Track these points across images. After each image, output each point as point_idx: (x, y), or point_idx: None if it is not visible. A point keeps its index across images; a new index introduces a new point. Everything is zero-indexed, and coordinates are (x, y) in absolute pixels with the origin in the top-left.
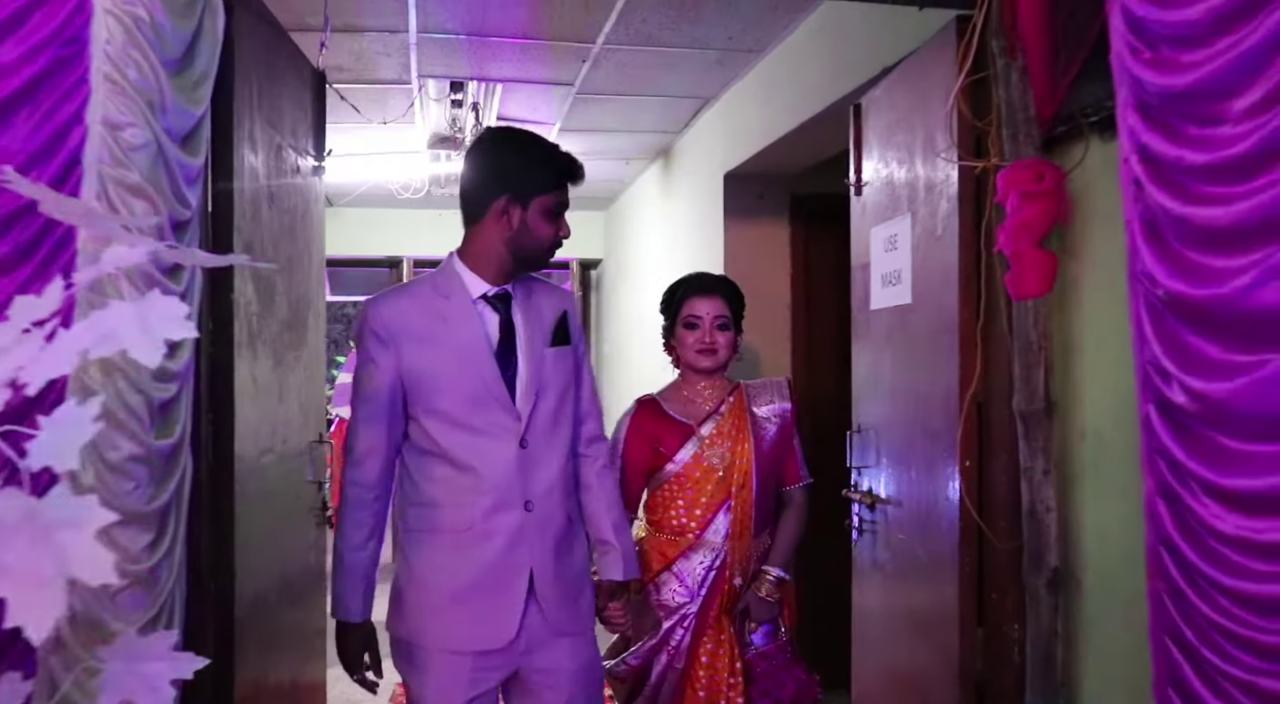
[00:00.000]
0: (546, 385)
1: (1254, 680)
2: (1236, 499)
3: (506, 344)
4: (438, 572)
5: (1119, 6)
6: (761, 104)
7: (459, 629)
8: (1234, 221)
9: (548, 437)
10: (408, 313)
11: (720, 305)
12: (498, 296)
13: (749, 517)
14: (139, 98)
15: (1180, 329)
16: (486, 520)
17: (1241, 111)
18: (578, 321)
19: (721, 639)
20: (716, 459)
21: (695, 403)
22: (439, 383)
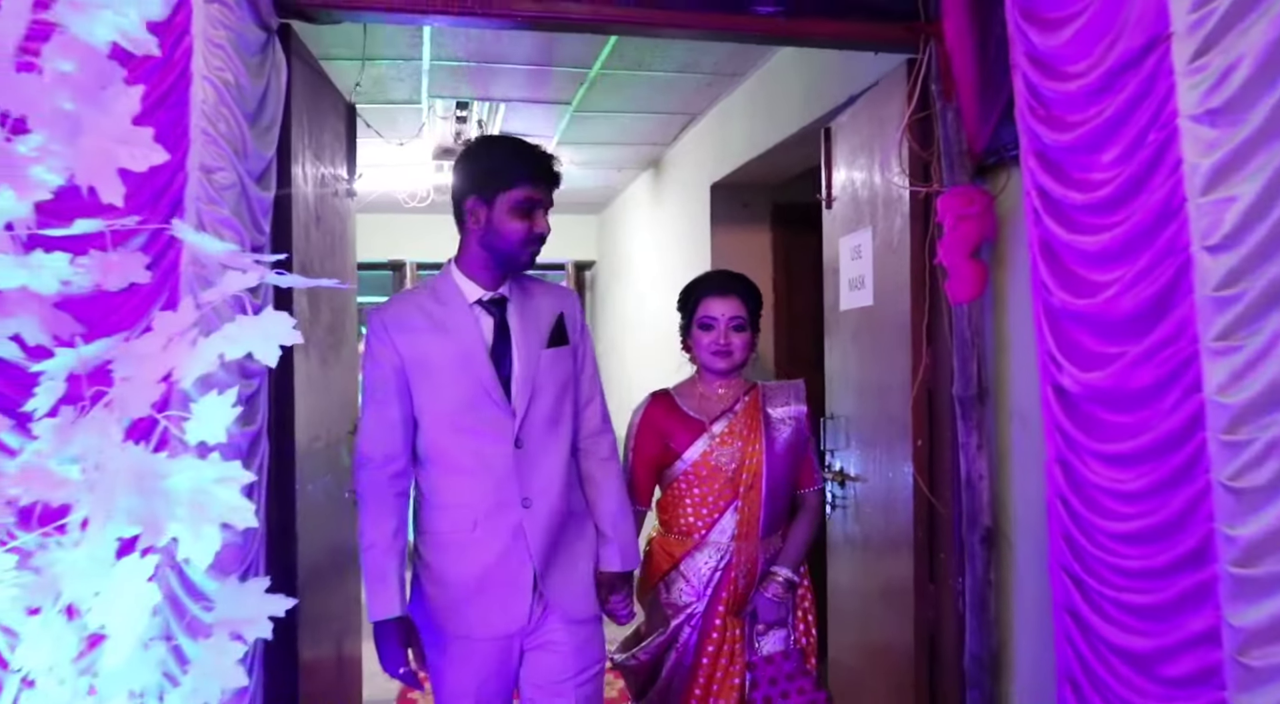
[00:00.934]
0: (542, 386)
1: (1119, 596)
2: (1107, 458)
3: (501, 346)
4: (449, 570)
5: (1020, 73)
6: (744, 122)
7: (474, 619)
8: (1102, 247)
9: (544, 435)
10: (409, 319)
11: (736, 306)
12: (492, 300)
13: (756, 518)
14: (227, 146)
15: (1067, 328)
16: (488, 519)
17: (1106, 163)
18: (579, 320)
19: (725, 640)
20: (725, 458)
21: (710, 400)
22: (438, 386)
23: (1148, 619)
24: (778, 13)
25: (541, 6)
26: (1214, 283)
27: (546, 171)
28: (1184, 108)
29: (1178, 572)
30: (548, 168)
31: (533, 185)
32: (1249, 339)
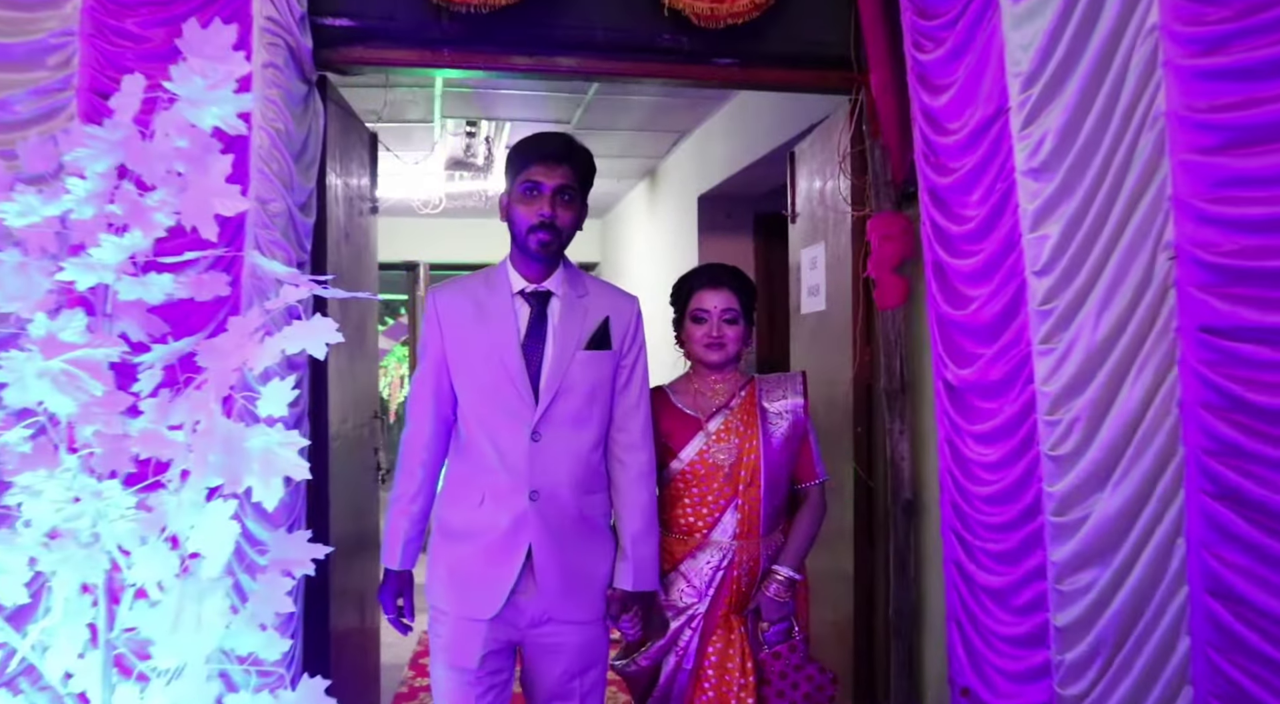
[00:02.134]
0: (572, 385)
1: (985, 546)
2: (977, 436)
3: (535, 339)
4: (452, 541)
5: (918, 125)
6: (725, 141)
7: (456, 597)
8: (971, 269)
9: (565, 434)
10: (458, 302)
11: (729, 298)
12: (534, 293)
13: (757, 515)
14: (278, 182)
15: (951, 333)
16: (494, 501)
17: (973, 203)
18: (631, 329)
19: (731, 639)
20: (723, 455)
21: (705, 396)
22: (471, 369)
23: (1003, 562)
24: (734, 63)
25: (534, 61)
26: (1039, 299)
27: (548, 152)
28: (1018, 165)
29: (1021, 523)
30: (549, 148)
31: (536, 167)
32: (1060, 342)
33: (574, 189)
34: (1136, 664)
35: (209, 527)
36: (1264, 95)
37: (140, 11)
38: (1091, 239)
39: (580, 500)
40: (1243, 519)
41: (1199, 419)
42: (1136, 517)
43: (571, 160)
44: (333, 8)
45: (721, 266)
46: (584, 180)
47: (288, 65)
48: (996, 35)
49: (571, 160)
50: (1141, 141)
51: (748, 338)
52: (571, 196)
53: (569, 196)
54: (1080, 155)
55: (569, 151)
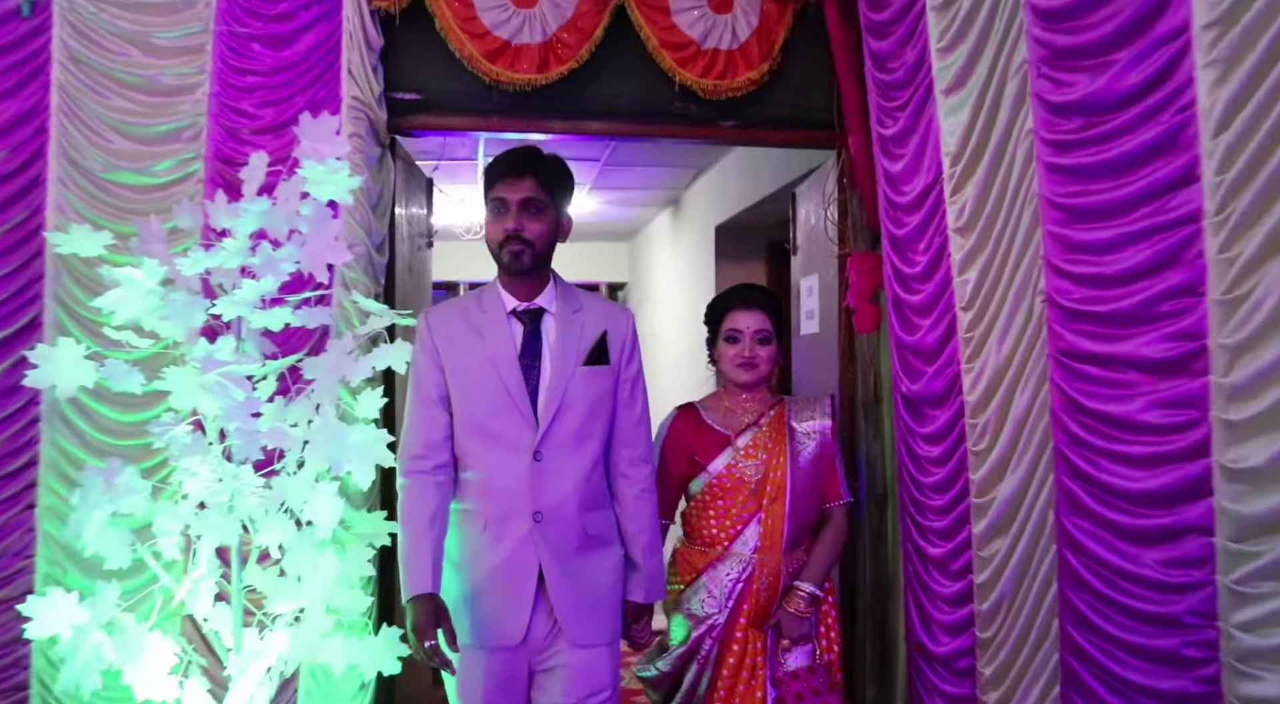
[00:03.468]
0: (571, 402)
1: (930, 525)
2: (924, 436)
3: (532, 358)
4: (461, 569)
5: (881, 183)
6: (738, 178)
7: (473, 625)
8: (920, 303)
9: (567, 452)
10: (451, 323)
11: (761, 319)
12: (526, 311)
13: (780, 531)
14: (361, 229)
15: (905, 354)
16: (497, 526)
17: (920, 250)
18: (627, 342)
19: (745, 653)
20: (750, 471)
21: (735, 414)
22: (468, 390)
23: (942, 537)
24: (735, 126)
25: (568, 125)
26: (964, 329)
27: (509, 168)
28: (950, 223)
29: (954, 505)
30: (510, 164)
31: (499, 185)
32: (977, 363)
33: (540, 200)
34: (1025, 609)
35: (319, 501)
36: (1091, 188)
37: (255, 95)
38: (995, 284)
39: (585, 518)
40: (1085, 493)
41: (1060, 420)
42: (1024, 496)
43: (535, 171)
44: (403, 85)
45: (755, 287)
46: (553, 189)
47: (368, 133)
48: (934, 121)
49: (535, 171)
50: (1025, 215)
51: (779, 357)
52: (540, 208)
53: (536, 208)
54: (987, 220)
55: (530, 163)
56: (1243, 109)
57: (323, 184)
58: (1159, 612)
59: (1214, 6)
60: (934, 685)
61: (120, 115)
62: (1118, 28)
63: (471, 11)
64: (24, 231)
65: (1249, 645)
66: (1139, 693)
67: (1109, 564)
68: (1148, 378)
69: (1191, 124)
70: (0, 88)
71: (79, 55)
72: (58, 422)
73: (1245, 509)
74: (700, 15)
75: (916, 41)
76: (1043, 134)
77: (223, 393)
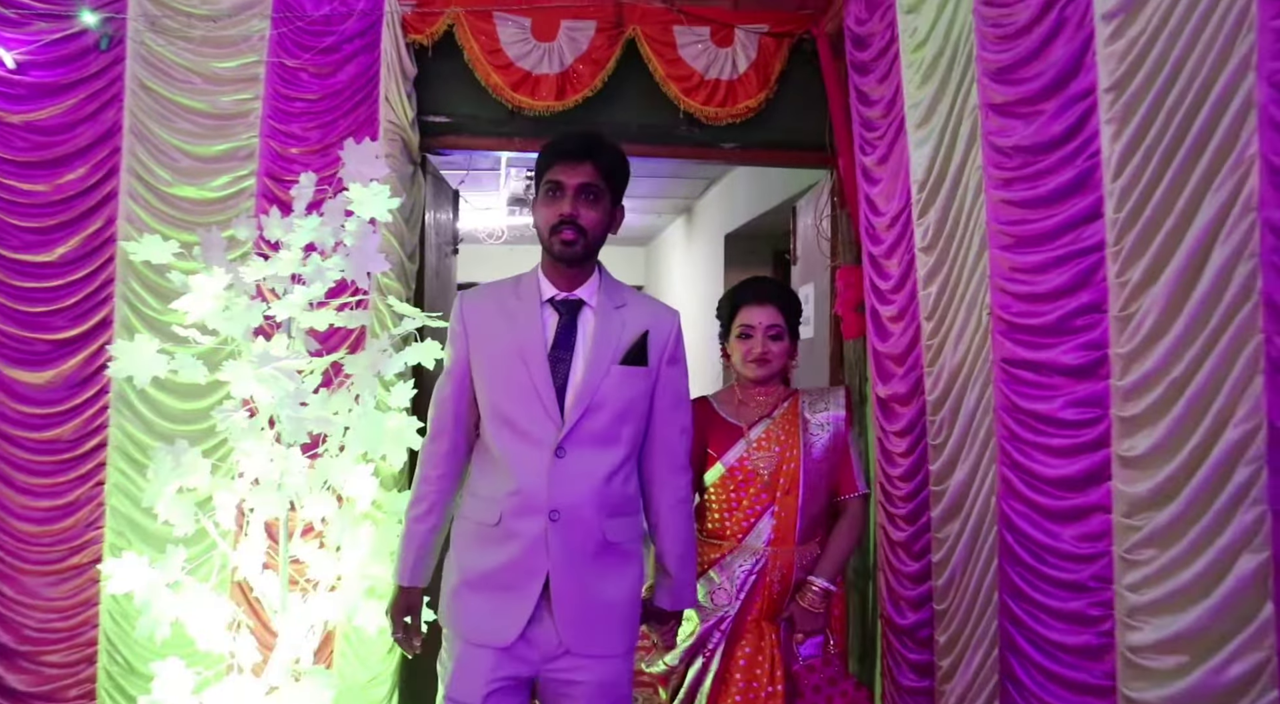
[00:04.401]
0: (603, 401)
1: (898, 511)
2: (894, 432)
3: (563, 349)
4: (465, 559)
5: (862, 204)
6: (745, 191)
7: (469, 619)
8: (893, 313)
9: (593, 452)
10: (486, 308)
11: (774, 314)
12: (564, 301)
13: (793, 523)
14: (394, 239)
15: (880, 359)
16: (512, 520)
17: (893, 265)
18: (669, 344)
19: (762, 645)
20: (763, 463)
21: (748, 407)
22: (495, 377)
23: (908, 522)
24: (735, 147)
25: None
26: (926, 337)
27: (569, 150)
28: (917, 243)
29: (917, 493)
30: (571, 146)
31: (557, 166)
32: (935, 367)
33: (598, 187)
34: (972, 583)
35: (358, 480)
36: (1028, 218)
37: (301, 119)
38: (951, 298)
39: (605, 524)
40: (1019, 480)
41: (1001, 418)
42: (972, 483)
43: (595, 157)
44: (435, 109)
45: (768, 281)
46: (611, 178)
47: (401, 153)
48: (906, 151)
49: (595, 157)
50: (975, 238)
51: (793, 352)
52: (596, 195)
53: (593, 196)
54: (945, 242)
55: (592, 148)
56: (1131, 159)
57: (366, 204)
58: (1071, 578)
59: (1111, 73)
60: (901, 655)
61: (183, 137)
62: (1044, 85)
63: (497, 45)
64: (99, 239)
65: (1133, 602)
66: (1056, 648)
67: (1036, 541)
68: (1066, 380)
69: (1097, 169)
70: (81, 113)
71: (148, 84)
72: (124, 409)
73: (1132, 490)
74: (703, 49)
75: (892, 80)
76: (990, 170)
77: (275, 384)
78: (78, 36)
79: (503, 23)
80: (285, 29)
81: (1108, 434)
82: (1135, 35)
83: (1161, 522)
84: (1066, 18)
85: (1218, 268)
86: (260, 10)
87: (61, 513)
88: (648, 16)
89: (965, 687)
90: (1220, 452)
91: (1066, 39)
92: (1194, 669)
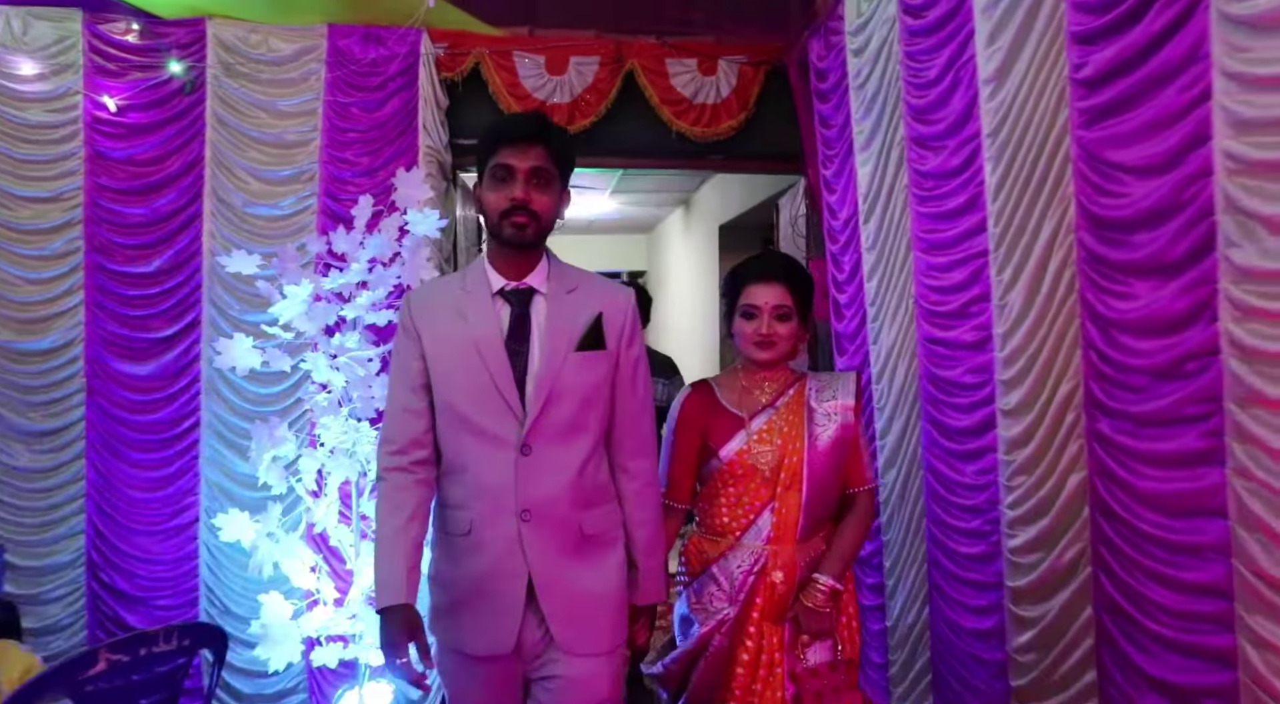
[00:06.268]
0: (564, 391)
1: None
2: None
3: (517, 340)
4: (446, 573)
5: (824, 210)
6: (737, 186)
7: (462, 633)
8: (846, 299)
9: (558, 445)
10: (434, 305)
11: (781, 293)
12: (514, 291)
13: (794, 520)
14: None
15: (839, 339)
16: (483, 527)
17: (846, 262)
18: (626, 324)
19: (764, 647)
20: (764, 457)
21: (752, 394)
22: (450, 376)
23: None
24: (720, 158)
25: (591, 161)
26: (870, 320)
27: (519, 132)
28: (863, 244)
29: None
30: (520, 129)
31: (505, 149)
32: (879, 343)
33: (549, 171)
34: (905, 517)
35: None
36: (938, 229)
37: (354, 147)
38: (888, 290)
39: (581, 516)
40: (936, 431)
41: (923, 384)
42: (904, 438)
43: (545, 140)
44: (464, 133)
45: (775, 256)
46: (560, 162)
47: (437, 172)
48: (854, 168)
49: (545, 140)
50: (904, 243)
51: (802, 335)
52: (547, 180)
53: (545, 179)
54: (881, 244)
55: (541, 130)
56: (1003, 188)
57: (419, 224)
58: (971, 503)
59: (990, 123)
60: (860, 580)
61: (254, 164)
62: (947, 126)
63: (516, 79)
64: (187, 253)
65: (1011, 517)
66: (963, 558)
67: (947, 477)
68: (966, 353)
69: (983, 194)
70: (171, 146)
71: (224, 119)
72: (214, 394)
73: (1009, 434)
74: (691, 78)
75: (844, 109)
76: (913, 189)
77: (348, 371)
78: (166, 83)
79: (521, 60)
80: (338, 72)
81: (993, 393)
82: (1003, 98)
83: (1027, 455)
84: (960, 78)
85: (1053, 272)
86: (316, 56)
87: (164, 482)
88: (643, 51)
89: (905, 597)
90: (1057, 404)
91: (960, 94)
92: (1045, 560)
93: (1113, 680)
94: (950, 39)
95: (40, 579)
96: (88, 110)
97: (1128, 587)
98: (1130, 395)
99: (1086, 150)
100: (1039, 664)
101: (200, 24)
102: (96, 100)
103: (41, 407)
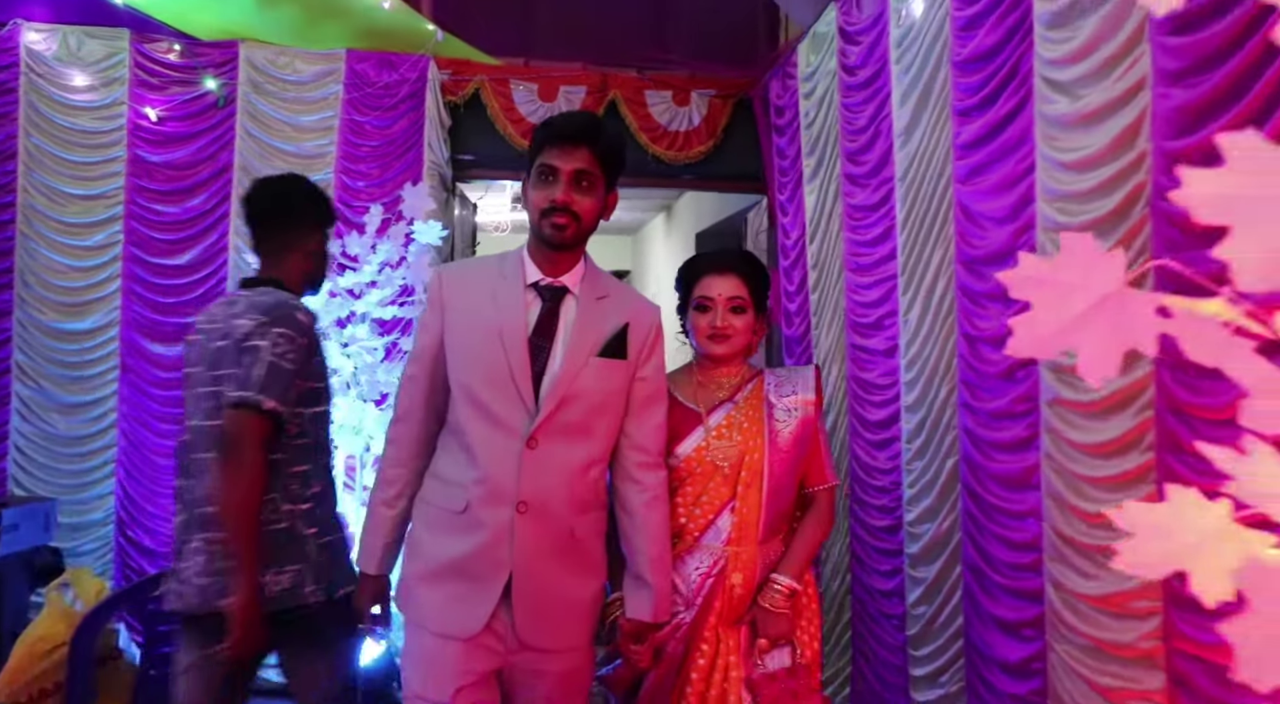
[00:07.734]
0: (579, 393)
1: None
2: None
3: (542, 336)
4: (427, 545)
5: (779, 232)
6: (712, 197)
7: (432, 609)
8: (795, 309)
9: (565, 444)
10: (466, 284)
11: (736, 285)
12: (549, 287)
13: (755, 520)
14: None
15: (788, 342)
16: (478, 508)
17: (795, 276)
18: (649, 339)
19: (720, 652)
20: (722, 454)
21: (708, 390)
22: (470, 357)
23: None
24: (692, 178)
25: None
26: (814, 328)
27: (565, 133)
28: (809, 261)
29: None
30: (567, 129)
31: (551, 150)
32: (819, 350)
33: (593, 174)
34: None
35: None
36: (862, 253)
37: (366, 161)
38: (826, 303)
39: (573, 519)
40: (857, 421)
41: (850, 384)
42: (836, 429)
43: (592, 142)
44: (464, 149)
45: (730, 250)
46: (607, 164)
47: (439, 184)
48: (802, 196)
49: (592, 142)
50: (837, 263)
51: (758, 328)
52: (591, 182)
53: (588, 182)
54: (822, 263)
55: (589, 132)
56: (908, 224)
57: (424, 234)
58: (878, 485)
59: (901, 168)
60: None
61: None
62: (870, 167)
63: (511, 104)
64: (215, 249)
65: (909, 495)
66: (876, 529)
67: (864, 462)
68: (880, 359)
69: (894, 227)
70: (203, 155)
71: (252, 132)
72: None
73: (909, 426)
74: (666, 108)
75: (796, 143)
76: (846, 219)
77: (357, 357)
78: (202, 97)
79: (516, 87)
80: (355, 93)
81: (898, 393)
82: (910, 150)
83: (919, 443)
84: (881, 129)
85: (939, 295)
86: (335, 77)
87: None
88: (625, 83)
89: (832, 566)
90: (940, 401)
91: (881, 142)
92: (930, 530)
93: (970, 623)
94: (875, 95)
95: (75, 534)
96: (131, 119)
97: (982, 547)
98: (986, 395)
99: (962, 201)
100: (924, 616)
101: (233, 46)
102: (139, 111)
103: (80, 381)
